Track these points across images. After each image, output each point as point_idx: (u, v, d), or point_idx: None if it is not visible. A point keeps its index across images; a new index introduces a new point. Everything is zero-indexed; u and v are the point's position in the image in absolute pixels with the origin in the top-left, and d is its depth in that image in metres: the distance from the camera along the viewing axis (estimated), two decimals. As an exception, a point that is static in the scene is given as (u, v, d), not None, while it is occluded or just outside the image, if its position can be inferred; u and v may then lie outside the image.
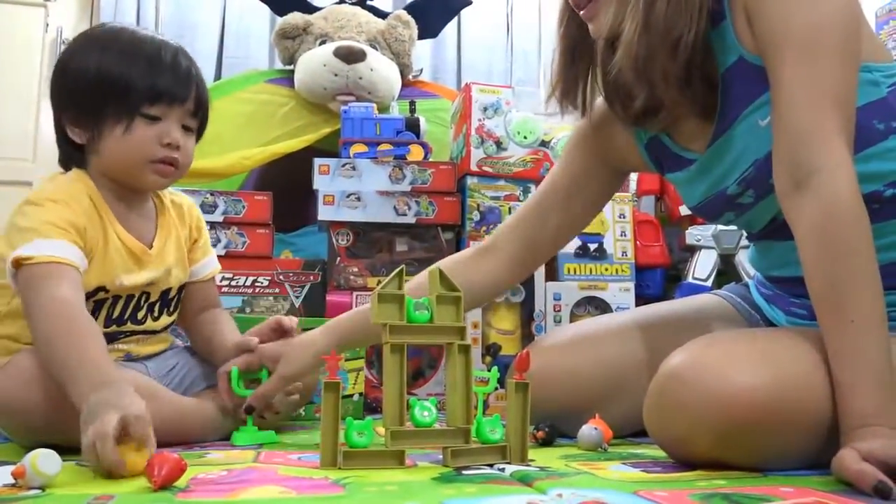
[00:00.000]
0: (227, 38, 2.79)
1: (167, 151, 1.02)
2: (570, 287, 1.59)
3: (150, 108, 1.00)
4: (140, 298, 1.07)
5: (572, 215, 1.12)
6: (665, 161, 1.05)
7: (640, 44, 0.86)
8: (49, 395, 0.87)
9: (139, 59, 1.00)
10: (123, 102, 0.99)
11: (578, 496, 0.63)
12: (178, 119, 1.03)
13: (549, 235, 1.12)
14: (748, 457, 0.77)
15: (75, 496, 0.64)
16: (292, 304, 1.61)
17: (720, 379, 0.75)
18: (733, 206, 0.97)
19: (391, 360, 0.84)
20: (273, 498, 0.65)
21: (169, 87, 1.01)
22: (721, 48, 0.90)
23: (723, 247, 1.71)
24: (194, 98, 1.04)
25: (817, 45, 0.80)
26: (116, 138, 1.00)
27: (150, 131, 1.01)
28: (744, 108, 0.89)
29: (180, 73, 1.02)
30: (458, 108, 1.73)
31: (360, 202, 1.60)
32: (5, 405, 0.90)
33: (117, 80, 0.99)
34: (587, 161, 1.10)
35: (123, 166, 1.02)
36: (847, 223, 0.77)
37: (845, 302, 0.76)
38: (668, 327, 1.10)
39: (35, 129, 2.73)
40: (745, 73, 0.88)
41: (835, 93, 0.80)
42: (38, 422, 0.88)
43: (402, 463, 0.81)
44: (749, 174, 0.91)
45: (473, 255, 1.13)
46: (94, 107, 1.00)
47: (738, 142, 0.91)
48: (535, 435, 1.01)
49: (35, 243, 0.92)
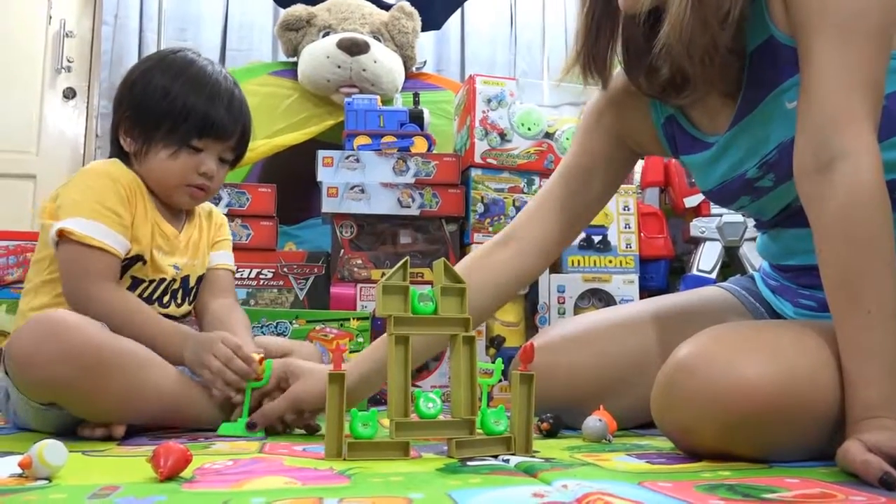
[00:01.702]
0: (230, 31, 2.79)
1: (202, 180, 1.14)
2: (574, 279, 1.59)
3: (197, 142, 1.12)
4: (169, 283, 1.15)
5: (593, 195, 1.11)
6: (680, 143, 1.04)
7: (693, 17, 0.83)
8: (61, 351, 0.91)
9: (202, 91, 1.11)
10: (177, 131, 1.10)
11: (583, 487, 0.63)
12: (218, 152, 1.15)
13: (570, 218, 1.11)
14: (754, 448, 0.77)
15: (81, 487, 0.65)
16: (296, 296, 1.61)
17: (728, 370, 0.75)
18: (751, 190, 0.96)
19: (396, 352, 0.84)
20: (278, 488, 0.65)
21: (221, 121, 1.12)
22: (751, 26, 0.89)
23: (727, 239, 1.71)
24: (239, 134, 1.16)
25: (856, 28, 0.79)
26: (161, 160, 1.11)
27: (192, 161, 1.12)
28: (771, 90, 0.88)
29: (233, 109, 1.14)
30: (462, 100, 1.72)
31: (364, 194, 1.60)
32: (24, 359, 0.92)
33: (179, 107, 1.10)
34: (604, 139, 1.09)
35: (161, 184, 1.13)
36: (870, 211, 0.76)
37: (862, 291, 0.75)
38: (672, 320, 1.10)
39: (38, 121, 2.73)
40: (773, 54, 0.87)
41: (868, 78, 0.78)
42: (49, 377, 0.91)
43: (407, 454, 0.81)
44: (772, 157, 0.90)
45: (494, 248, 1.11)
46: (150, 125, 1.11)
47: (762, 124, 0.90)
48: (540, 426, 1.01)
49: (79, 221, 1.04)
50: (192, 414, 1.04)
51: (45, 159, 2.72)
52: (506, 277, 1.09)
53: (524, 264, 1.10)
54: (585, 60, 1.00)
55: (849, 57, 0.78)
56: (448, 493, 0.63)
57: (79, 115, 2.79)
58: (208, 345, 1.03)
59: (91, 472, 0.74)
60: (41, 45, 2.76)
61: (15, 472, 0.69)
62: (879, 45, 0.79)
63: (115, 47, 2.67)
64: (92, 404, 0.95)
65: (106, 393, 0.94)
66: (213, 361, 1.02)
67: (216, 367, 1.02)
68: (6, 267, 1.54)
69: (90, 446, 0.91)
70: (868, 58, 0.79)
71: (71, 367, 0.91)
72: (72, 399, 0.94)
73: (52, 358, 0.90)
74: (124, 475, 0.70)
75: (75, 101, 2.79)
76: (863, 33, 0.79)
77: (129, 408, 0.97)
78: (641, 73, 0.97)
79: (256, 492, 0.63)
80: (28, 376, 0.93)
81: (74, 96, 2.79)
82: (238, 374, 1.02)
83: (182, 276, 1.17)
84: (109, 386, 0.93)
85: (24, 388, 0.96)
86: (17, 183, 2.67)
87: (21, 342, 0.92)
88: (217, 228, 1.27)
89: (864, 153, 0.76)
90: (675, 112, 1.02)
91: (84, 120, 2.79)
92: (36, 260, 1.12)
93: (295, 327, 1.46)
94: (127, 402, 0.96)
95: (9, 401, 1.04)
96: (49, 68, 2.76)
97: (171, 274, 1.15)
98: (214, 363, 1.02)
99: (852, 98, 0.78)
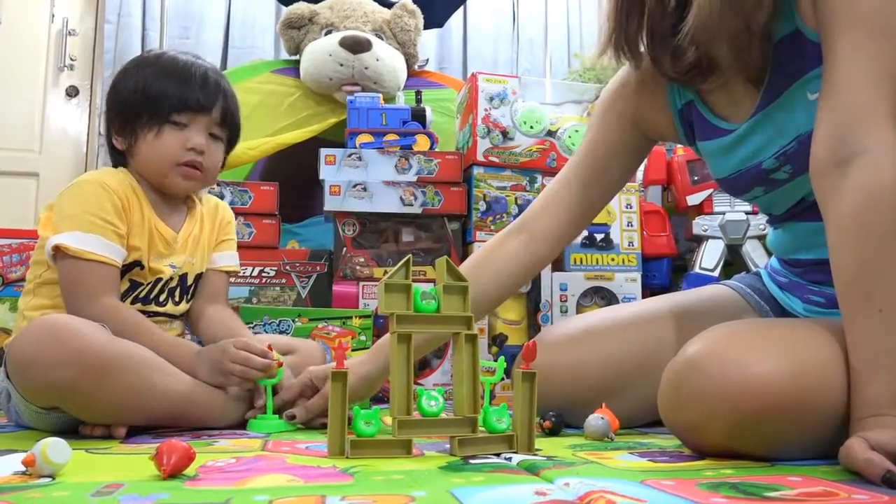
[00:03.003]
0: (233, 29, 2.79)
1: (192, 155, 1.13)
2: (577, 277, 1.59)
3: (178, 116, 1.12)
4: (166, 282, 1.16)
5: (607, 184, 1.12)
6: (698, 129, 1.03)
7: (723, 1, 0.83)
8: (63, 355, 0.90)
9: (173, 75, 1.13)
10: (156, 111, 1.11)
11: (585, 485, 0.63)
12: (204, 127, 1.14)
13: (584, 207, 1.11)
14: (761, 446, 0.77)
15: (85, 484, 0.65)
16: (299, 294, 1.61)
17: (738, 368, 0.75)
18: (765, 181, 0.96)
19: (398, 350, 0.84)
20: (281, 486, 0.65)
21: (196, 97, 1.12)
22: (778, 17, 0.88)
23: (730, 237, 1.71)
24: (221, 108, 1.15)
25: (881, 29, 0.78)
26: (148, 142, 1.12)
27: (178, 137, 1.12)
28: (794, 81, 0.88)
29: (208, 86, 1.14)
30: (465, 98, 1.72)
31: (367, 192, 1.60)
32: (25, 363, 0.92)
33: (153, 93, 1.12)
34: (619, 125, 1.09)
35: (154, 167, 1.13)
36: (888, 210, 0.75)
37: (874, 290, 0.74)
38: (677, 319, 1.09)
39: (41, 120, 2.74)
40: (798, 46, 0.87)
41: (891, 77, 0.78)
42: (50, 381, 0.91)
43: (410, 452, 0.81)
44: (790, 149, 0.90)
45: (506, 237, 1.13)
46: (133, 116, 1.13)
47: (783, 114, 0.90)
48: (542, 425, 1.01)
49: (74, 235, 1.04)
50: (197, 415, 1.04)
51: (48, 157, 2.72)
52: (516, 265, 1.11)
53: (536, 252, 1.12)
54: (617, 43, 0.98)
55: (872, 56, 0.78)
56: (450, 490, 0.63)
57: (81, 114, 2.80)
58: (222, 354, 1.05)
59: (94, 469, 0.74)
60: (44, 43, 2.76)
61: (18, 469, 0.69)
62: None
63: (118, 45, 2.68)
64: (94, 407, 0.95)
65: (108, 395, 0.93)
66: (234, 367, 1.04)
67: (239, 370, 1.04)
68: (9, 265, 1.54)
69: (93, 444, 0.91)
70: (892, 58, 0.78)
71: (73, 370, 0.90)
72: (74, 402, 0.94)
73: (54, 361, 0.90)
74: (127, 473, 0.71)
75: (78, 100, 2.79)
76: (887, 34, 0.78)
77: (131, 410, 0.97)
78: (667, 55, 0.95)
79: (259, 489, 0.63)
80: (29, 380, 0.93)
81: (77, 94, 2.79)
82: (260, 370, 1.05)
83: (180, 274, 1.17)
84: (112, 388, 0.93)
85: (25, 391, 0.96)
86: (19, 181, 2.67)
87: (22, 346, 0.92)
88: (223, 226, 1.26)
89: (885, 151, 0.76)
90: (695, 98, 1.02)
91: (87, 118, 2.80)
92: (35, 261, 1.13)
93: (297, 325, 1.46)
94: (129, 405, 0.96)
95: (10, 401, 1.04)
96: (52, 66, 2.77)
97: (168, 273, 1.15)
98: (236, 368, 1.04)
99: (878, 95, 0.77)
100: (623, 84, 1.08)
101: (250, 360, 1.04)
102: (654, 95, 1.06)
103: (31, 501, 0.59)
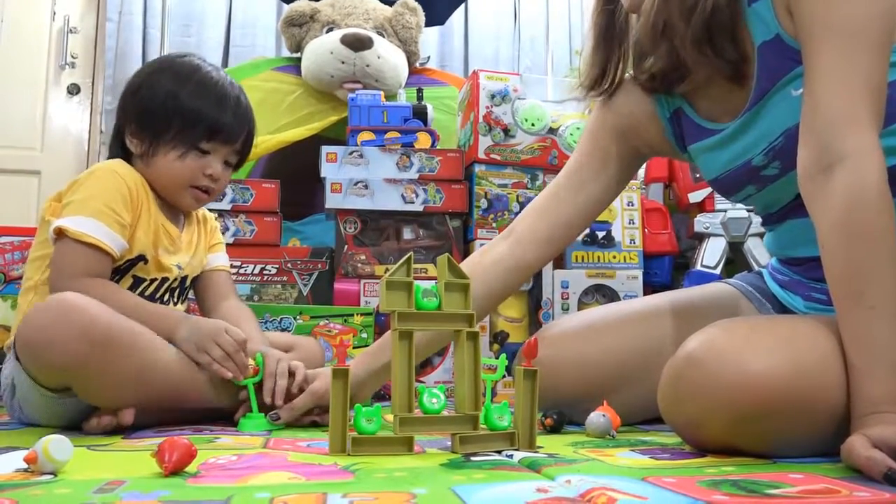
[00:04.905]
0: (234, 27, 2.78)
1: (207, 182, 1.16)
2: (578, 275, 1.59)
3: (205, 144, 1.14)
4: (171, 283, 1.17)
5: (595, 194, 1.12)
6: (687, 133, 1.06)
7: (658, 11, 0.91)
8: (73, 330, 0.92)
9: (209, 98, 1.14)
10: (186, 133, 1.12)
11: (587, 482, 0.63)
12: (224, 155, 1.17)
13: (572, 215, 1.12)
14: (761, 443, 0.77)
15: (87, 482, 0.65)
16: (300, 291, 1.61)
17: (737, 364, 0.75)
18: (756, 178, 0.97)
19: (399, 348, 0.84)
20: (283, 483, 0.65)
21: (227, 130, 1.15)
22: (758, 23, 0.91)
23: (731, 235, 1.71)
24: (244, 139, 1.18)
25: (858, 36, 0.81)
26: (169, 161, 1.13)
27: (199, 163, 1.14)
28: (778, 80, 0.90)
29: (239, 115, 1.16)
30: (466, 96, 1.72)
31: (368, 190, 1.60)
32: (37, 340, 0.94)
33: (187, 113, 1.12)
34: (609, 138, 1.12)
35: (167, 184, 1.15)
36: (873, 210, 0.77)
37: (866, 287, 0.75)
38: (678, 316, 1.10)
39: (43, 118, 2.73)
40: (780, 50, 0.90)
41: (871, 84, 0.80)
42: (63, 356, 0.92)
43: (411, 449, 0.82)
44: (778, 144, 0.92)
45: (496, 242, 1.15)
46: (159, 127, 1.12)
47: (769, 112, 0.92)
48: (544, 422, 1.01)
49: (77, 219, 1.05)
50: (195, 395, 1.05)
51: (50, 155, 2.72)
52: (503, 270, 1.11)
53: (523, 256, 1.12)
54: (594, 73, 1.08)
55: (853, 64, 0.80)
56: (452, 488, 0.63)
57: (83, 112, 2.79)
58: (213, 332, 1.04)
59: (96, 466, 0.74)
60: (45, 41, 2.76)
61: (20, 466, 0.70)
62: (882, 55, 0.81)
63: (120, 43, 2.67)
64: (104, 385, 0.96)
65: (118, 371, 0.95)
66: (215, 350, 1.03)
67: (218, 355, 1.03)
68: (11, 263, 1.54)
69: (95, 441, 0.91)
70: (871, 64, 0.81)
71: (83, 344, 0.92)
72: (85, 379, 0.95)
73: (65, 337, 0.91)
74: (129, 470, 0.71)
75: (79, 98, 2.79)
76: (867, 41, 0.81)
77: (139, 387, 0.98)
78: (642, 66, 1.02)
79: (261, 487, 0.63)
80: (42, 358, 0.94)
81: (78, 92, 2.79)
82: (238, 367, 1.05)
83: (182, 275, 1.19)
84: (121, 364, 0.95)
85: (37, 372, 0.97)
86: (21, 179, 2.67)
87: (33, 325, 0.94)
88: (211, 232, 1.29)
89: (867, 155, 0.78)
90: (683, 103, 1.05)
91: (88, 116, 2.79)
92: (33, 258, 1.13)
93: (299, 323, 1.47)
94: (138, 382, 0.98)
95: (14, 397, 1.04)
96: (53, 64, 2.76)
97: (174, 273, 1.17)
98: (217, 351, 1.03)
99: (856, 102, 0.79)
100: (613, 101, 1.11)
101: (234, 356, 1.04)
102: (641, 106, 1.09)
103: (33, 498, 0.59)
